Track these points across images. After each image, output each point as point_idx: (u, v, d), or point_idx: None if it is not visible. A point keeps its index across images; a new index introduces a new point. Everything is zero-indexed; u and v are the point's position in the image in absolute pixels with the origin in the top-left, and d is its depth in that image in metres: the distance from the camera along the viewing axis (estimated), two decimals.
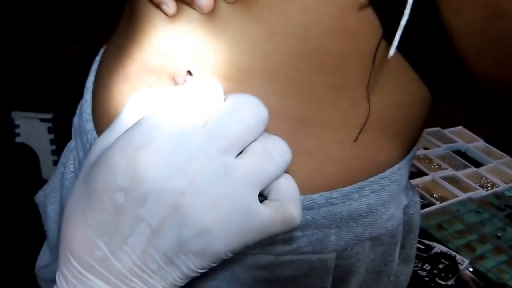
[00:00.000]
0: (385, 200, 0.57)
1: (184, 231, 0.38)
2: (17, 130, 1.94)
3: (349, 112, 0.51)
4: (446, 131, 2.20)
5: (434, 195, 1.77)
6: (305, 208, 0.52)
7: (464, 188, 1.83)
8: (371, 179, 0.55)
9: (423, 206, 1.69)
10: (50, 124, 1.95)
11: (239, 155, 0.40)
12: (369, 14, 0.46)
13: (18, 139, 1.93)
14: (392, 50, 0.43)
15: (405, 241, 0.64)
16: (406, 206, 0.63)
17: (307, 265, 0.54)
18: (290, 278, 0.54)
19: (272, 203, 0.41)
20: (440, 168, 1.93)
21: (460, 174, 1.90)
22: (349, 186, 0.53)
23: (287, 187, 0.43)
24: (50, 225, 0.70)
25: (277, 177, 0.42)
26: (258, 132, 0.41)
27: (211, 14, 0.48)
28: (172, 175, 0.38)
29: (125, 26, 0.58)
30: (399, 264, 0.65)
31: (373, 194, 0.55)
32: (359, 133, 0.52)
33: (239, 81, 0.49)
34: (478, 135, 2.17)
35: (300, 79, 0.48)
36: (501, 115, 0.55)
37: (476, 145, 2.13)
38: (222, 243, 0.39)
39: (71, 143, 0.69)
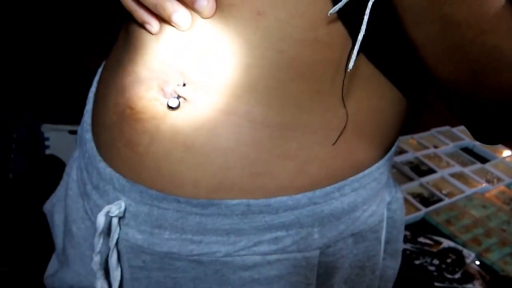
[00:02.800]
0: (366, 198, 0.57)
1: None
2: (47, 143, 1.96)
3: (326, 116, 0.52)
4: (454, 130, 2.19)
5: (443, 192, 1.76)
6: (288, 208, 0.53)
7: (471, 184, 1.82)
8: (351, 178, 0.55)
9: (433, 202, 1.70)
10: None
11: None
12: (339, 26, 0.47)
13: (48, 151, 1.95)
14: (351, 64, 0.45)
15: (390, 236, 0.64)
16: (389, 203, 0.63)
17: (292, 263, 0.55)
18: (276, 277, 0.55)
19: None
20: (448, 165, 1.93)
21: (467, 170, 1.89)
22: (330, 186, 0.54)
23: None
24: (57, 234, 0.71)
25: None
26: None
27: (192, 33, 0.50)
28: None
29: (122, 41, 0.60)
30: (385, 259, 0.65)
31: (354, 193, 0.56)
32: (339, 136, 0.53)
33: (224, 92, 0.50)
34: None
35: (279, 88, 0.50)
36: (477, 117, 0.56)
37: None
38: None
39: (75, 153, 0.70)
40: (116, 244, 0.55)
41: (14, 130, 1.84)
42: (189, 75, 0.51)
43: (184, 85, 0.51)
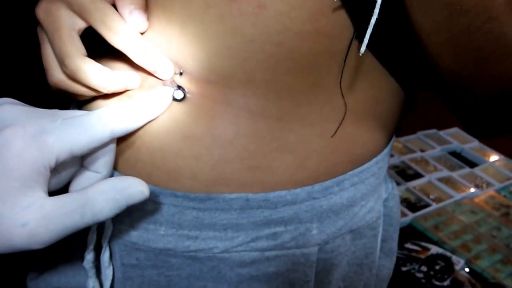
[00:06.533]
0: (364, 194, 0.59)
1: None
2: None
3: (325, 109, 0.54)
4: (442, 133, 2.22)
5: (431, 197, 1.78)
6: (287, 203, 0.54)
7: (459, 188, 1.85)
8: (350, 172, 0.57)
9: (420, 207, 1.72)
10: None
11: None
12: (340, 16, 0.49)
13: None
14: (363, 48, 0.46)
15: (386, 234, 0.66)
16: (386, 199, 0.65)
17: (291, 260, 0.56)
18: (274, 274, 0.56)
19: None
20: (436, 169, 1.95)
21: (455, 175, 1.92)
22: (329, 180, 0.55)
23: None
24: None
25: None
26: None
27: (187, 28, 0.51)
28: None
29: None
30: (381, 258, 0.66)
31: (353, 188, 0.57)
32: (338, 127, 0.54)
33: (220, 85, 0.51)
34: None
35: (276, 80, 0.51)
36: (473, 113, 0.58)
37: (471, 145, 2.15)
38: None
39: None
40: (109, 242, 0.56)
41: None
42: (183, 65, 0.52)
43: (181, 74, 0.52)
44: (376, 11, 0.45)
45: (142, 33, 0.53)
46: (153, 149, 0.53)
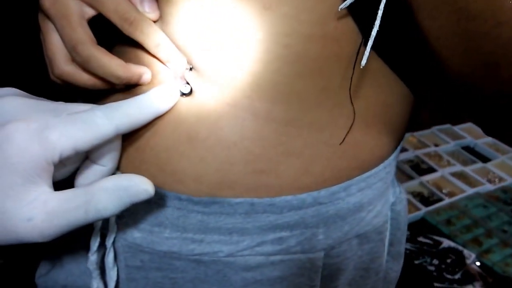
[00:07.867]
0: (371, 198, 0.57)
1: None
2: None
3: (333, 113, 0.52)
4: (456, 128, 2.21)
5: (443, 191, 1.77)
6: (293, 208, 0.52)
7: (472, 183, 1.83)
8: (357, 178, 0.55)
9: (433, 202, 1.71)
10: None
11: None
12: (349, 21, 0.47)
13: None
14: (364, 61, 0.45)
15: (393, 238, 0.64)
16: (393, 203, 0.62)
17: (296, 264, 0.54)
18: (279, 278, 0.54)
19: None
20: (449, 164, 1.94)
21: (468, 169, 1.91)
22: (336, 185, 0.54)
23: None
24: None
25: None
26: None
27: (193, 25, 0.50)
28: None
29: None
30: (389, 261, 0.65)
31: (360, 193, 0.55)
32: (346, 135, 0.52)
33: (226, 86, 0.50)
34: None
35: (284, 83, 0.49)
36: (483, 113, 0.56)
37: (485, 140, 2.13)
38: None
39: None
40: (113, 243, 0.55)
41: None
42: (193, 62, 0.51)
43: (190, 69, 0.51)
44: (377, 22, 0.44)
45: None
46: (158, 150, 0.52)
